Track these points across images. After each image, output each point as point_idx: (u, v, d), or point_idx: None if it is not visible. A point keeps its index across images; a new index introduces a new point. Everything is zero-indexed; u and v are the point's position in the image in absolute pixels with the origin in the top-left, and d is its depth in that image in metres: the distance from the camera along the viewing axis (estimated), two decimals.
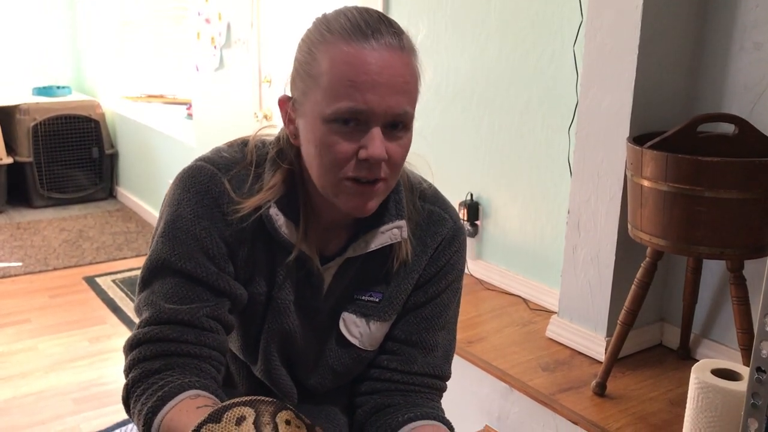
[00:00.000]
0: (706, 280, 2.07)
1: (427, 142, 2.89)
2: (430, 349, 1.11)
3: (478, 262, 2.75)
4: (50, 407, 2.34)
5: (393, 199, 1.06)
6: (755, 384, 1.10)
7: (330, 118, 0.92)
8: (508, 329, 2.32)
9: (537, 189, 2.48)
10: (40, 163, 4.74)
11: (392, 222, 1.05)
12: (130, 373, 1.00)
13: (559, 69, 2.33)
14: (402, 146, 0.97)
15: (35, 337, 2.89)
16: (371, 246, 1.05)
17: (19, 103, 4.69)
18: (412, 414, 1.05)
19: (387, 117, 0.93)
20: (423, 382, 1.10)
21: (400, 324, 1.12)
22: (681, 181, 1.66)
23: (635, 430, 1.77)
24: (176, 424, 0.94)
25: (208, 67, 4.00)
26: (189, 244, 1.00)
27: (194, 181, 1.01)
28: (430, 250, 1.10)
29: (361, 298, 1.09)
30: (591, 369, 2.05)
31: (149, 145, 4.54)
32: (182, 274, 0.99)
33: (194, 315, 0.99)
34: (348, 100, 0.91)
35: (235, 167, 1.03)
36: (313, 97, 0.94)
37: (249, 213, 1.00)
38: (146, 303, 1.01)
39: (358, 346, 1.10)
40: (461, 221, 1.16)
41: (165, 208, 1.04)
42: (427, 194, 1.14)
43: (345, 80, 0.91)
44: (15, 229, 4.35)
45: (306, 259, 1.03)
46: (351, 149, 0.93)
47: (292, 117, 1.00)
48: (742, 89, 1.92)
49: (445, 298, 1.13)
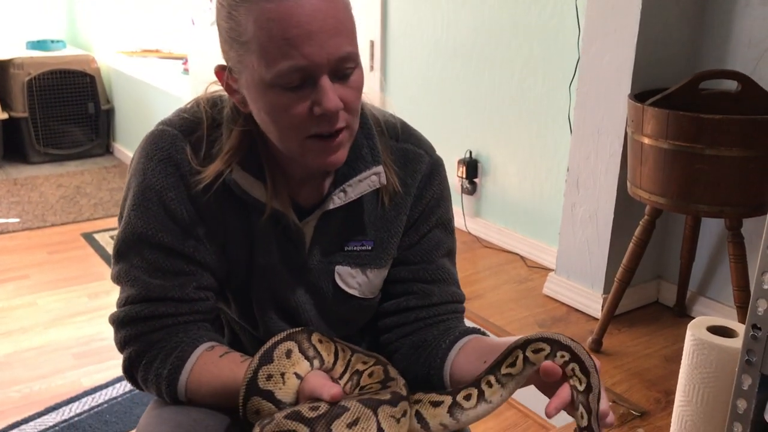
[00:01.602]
0: (704, 239, 2.07)
1: (426, 98, 2.87)
2: (441, 280, 1.11)
3: (476, 220, 2.75)
4: (51, 362, 2.37)
5: (367, 145, 1.03)
6: (750, 341, 1.10)
7: (273, 82, 0.87)
8: (505, 286, 2.33)
9: (536, 146, 2.46)
10: (36, 118, 4.69)
11: (369, 169, 1.02)
12: (127, 347, 0.99)
13: (560, 24, 2.29)
14: (354, 88, 0.91)
15: (35, 292, 2.90)
16: (351, 196, 1.02)
17: (13, 57, 4.62)
18: (452, 337, 1.05)
19: (331, 64, 0.87)
20: (447, 310, 1.11)
21: (402, 266, 1.10)
22: (682, 138, 1.65)
23: (630, 386, 1.79)
24: (206, 377, 0.94)
25: (204, 21, 3.94)
26: (161, 216, 0.97)
27: (156, 148, 0.98)
28: (413, 190, 1.08)
29: (353, 248, 1.07)
30: (587, 326, 2.07)
31: (145, 101, 4.50)
32: (161, 248, 0.98)
33: (184, 291, 0.98)
34: (286, 60, 0.85)
35: (198, 128, 0.99)
36: (249, 63, 0.88)
37: (212, 181, 0.96)
38: (128, 278, 0.99)
39: (359, 296, 1.09)
40: (436, 153, 1.13)
41: (132, 178, 1.00)
42: (398, 132, 1.09)
43: (277, 40, 0.85)
44: (12, 185, 4.33)
45: (281, 215, 1.00)
46: (304, 108, 0.88)
47: (234, 87, 0.94)
48: (746, 46, 1.89)
49: (438, 232, 1.11)
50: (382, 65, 3.03)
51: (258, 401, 0.86)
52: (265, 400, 0.86)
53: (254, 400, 0.86)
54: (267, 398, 0.86)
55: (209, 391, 0.95)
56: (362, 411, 0.80)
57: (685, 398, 1.38)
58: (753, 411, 1.12)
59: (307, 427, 0.77)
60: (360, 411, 0.80)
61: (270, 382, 0.86)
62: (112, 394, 2.19)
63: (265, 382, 0.86)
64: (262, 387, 0.86)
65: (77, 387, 2.23)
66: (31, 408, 2.13)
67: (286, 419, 0.78)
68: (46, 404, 2.14)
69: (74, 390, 2.22)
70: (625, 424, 1.65)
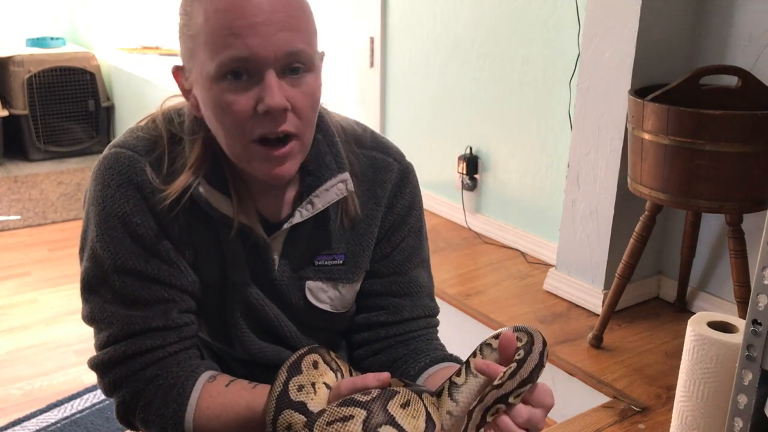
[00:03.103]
0: (704, 234, 2.07)
1: (426, 94, 2.86)
2: (413, 293, 1.07)
3: (477, 216, 2.75)
4: (52, 359, 2.37)
5: (330, 152, 0.98)
6: (751, 336, 1.11)
7: (217, 75, 0.84)
8: (506, 282, 2.33)
9: (537, 142, 2.46)
10: (36, 116, 4.69)
11: (335, 177, 0.97)
12: (118, 390, 0.94)
13: (560, 19, 2.29)
14: (307, 92, 0.87)
15: (36, 289, 2.91)
16: (318, 206, 0.98)
17: (13, 55, 4.62)
18: (422, 363, 1.02)
19: (279, 60, 0.84)
20: (418, 326, 1.07)
21: (374, 278, 1.07)
22: (682, 134, 1.65)
23: (631, 382, 1.79)
24: (215, 410, 0.91)
25: None
26: (128, 243, 0.92)
27: (113, 173, 0.93)
28: (383, 200, 1.04)
29: (324, 262, 1.02)
30: (588, 321, 2.07)
31: (146, 98, 4.49)
32: (134, 276, 0.92)
33: (168, 318, 0.93)
34: (228, 50, 0.82)
35: (156, 148, 0.94)
36: (198, 58, 0.86)
37: (178, 197, 0.92)
38: (104, 315, 0.93)
39: (331, 310, 1.05)
40: (406, 159, 1.08)
41: (90, 208, 0.94)
42: (364, 140, 1.05)
43: (222, 29, 0.83)
44: (12, 182, 4.34)
45: (249, 231, 0.96)
46: (248, 105, 0.84)
47: (187, 87, 0.92)
48: (746, 41, 1.89)
49: (410, 240, 1.07)
50: (382, 62, 3.03)
51: (290, 414, 0.82)
52: (297, 413, 0.82)
53: (286, 414, 0.83)
54: (299, 410, 0.82)
55: (220, 423, 0.91)
56: (411, 394, 0.81)
57: (686, 394, 1.38)
58: (754, 406, 1.12)
59: (363, 410, 0.76)
60: (409, 394, 0.81)
61: (302, 393, 0.84)
62: None
63: (296, 393, 0.83)
64: (294, 398, 0.83)
65: (79, 384, 2.24)
66: (32, 405, 2.14)
67: (340, 406, 0.77)
68: (48, 401, 2.15)
69: (76, 387, 2.22)
70: (626, 420, 1.65)
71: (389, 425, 0.76)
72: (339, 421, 0.76)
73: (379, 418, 0.76)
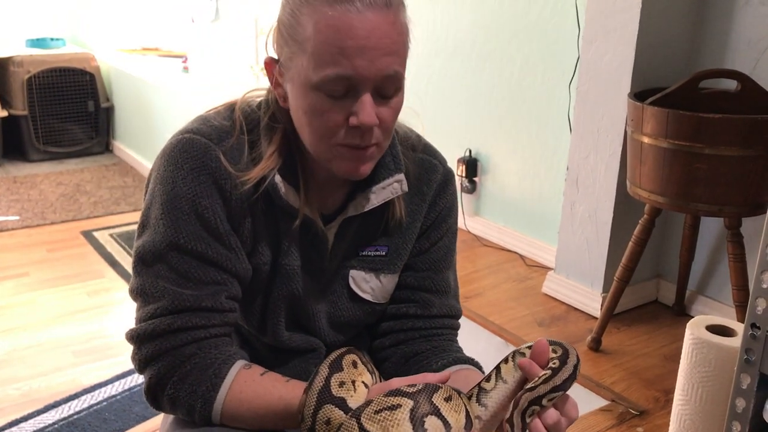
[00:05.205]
0: (703, 238, 2.07)
1: (425, 96, 2.86)
2: (443, 291, 1.14)
3: (475, 219, 2.75)
4: (51, 359, 2.37)
5: (390, 154, 1.05)
6: (749, 340, 1.11)
7: (318, 86, 0.89)
8: (504, 285, 2.33)
9: (536, 145, 2.47)
10: (36, 116, 4.69)
11: (392, 176, 1.04)
12: (153, 363, 0.95)
13: (560, 22, 2.29)
14: (393, 108, 0.94)
15: (34, 290, 2.90)
16: (373, 202, 1.04)
17: (13, 55, 4.62)
18: (444, 360, 1.07)
19: (377, 81, 0.90)
20: (443, 324, 1.13)
21: (410, 272, 1.13)
22: (681, 137, 1.65)
23: (629, 385, 1.79)
24: (247, 396, 0.93)
25: (203, 19, 3.94)
26: (194, 224, 0.96)
27: (187, 156, 0.96)
28: (428, 198, 1.11)
29: (368, 253, 1.08)
30: (586, 324, 2.07)
31: (145, 99, 4.50)
32: (193, 256, 0.96)
33: (217, 300, 0.97)
34: (335, 67, 0.88)
35: (228, 137, 0.98)
36: (299, 62, 0.91)
37: (255, 185, 0.97)
38: (155, 289, 0.96)
39: (372, 300, 1.10)
40: (448, 164, 1.17)
41: (157, 187, 0.98)
42: (416, 145, 1.13)
43: (331, 47, 0.87)
44: (11, 183, 4.34)
45: (309, 222, 1.02)
46: (341, 117, 0.91)
47: (279, 80, 0.96)
48: (745, 45, 1.89)
49: (447, 240, 1.14)
50: None
51: (330, 409, 0.86)
52: (338, 408, 0.85)
53: (326, 409, 0.86)
54: (339, 405, 0.86)
55: (250, 410, 0.94)
56: (452, 391, 0.84)
57: (684, 397, 1.38)
58: (752, 410, 1.12)
59: (410, 400, 0.79)
60: (450, 390, 0.83)
61: (342, 389, 0.87)
62: (111, 392, 2.20)
63: (338, 389, 0.87)
64: (335, 394, 0.86)
65: (77, 385, 2.24)
66: (30, 406, 2.13)
67: (387, 396, 0.80)
68: (46, 402, 2.15)
69: (74, 388, 2.22)
70: (624, 423, 1.66)
71: (435, 416, 0.80)
72: (387, 409, 0.79)
73: (426, 409, 0.80)
